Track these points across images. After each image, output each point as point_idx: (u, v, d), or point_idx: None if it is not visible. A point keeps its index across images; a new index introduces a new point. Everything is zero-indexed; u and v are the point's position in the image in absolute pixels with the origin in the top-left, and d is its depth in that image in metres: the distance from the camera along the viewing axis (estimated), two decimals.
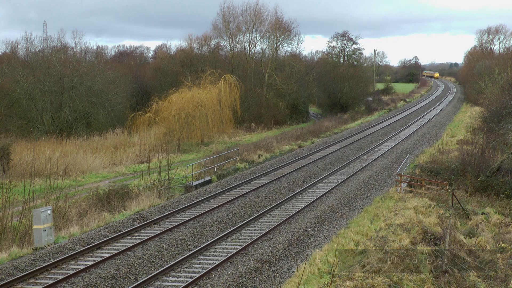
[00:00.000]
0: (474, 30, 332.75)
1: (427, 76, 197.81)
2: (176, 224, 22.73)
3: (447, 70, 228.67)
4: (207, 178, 32.97)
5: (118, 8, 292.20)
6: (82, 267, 17.52)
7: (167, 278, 16.89)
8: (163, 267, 17.85)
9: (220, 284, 16.20)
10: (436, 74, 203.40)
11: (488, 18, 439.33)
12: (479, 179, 29.53)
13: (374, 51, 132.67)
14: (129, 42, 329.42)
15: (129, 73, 71.94)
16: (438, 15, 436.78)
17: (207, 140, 52.74)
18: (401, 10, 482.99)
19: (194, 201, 26.74)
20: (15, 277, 16.35)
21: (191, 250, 19.67)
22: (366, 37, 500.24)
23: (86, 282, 16.35)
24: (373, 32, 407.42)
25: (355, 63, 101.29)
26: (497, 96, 49.26)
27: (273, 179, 32.52)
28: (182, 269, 17.72)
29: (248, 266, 17.69)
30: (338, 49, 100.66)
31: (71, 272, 17.02)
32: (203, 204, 26.58)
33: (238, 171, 36.32)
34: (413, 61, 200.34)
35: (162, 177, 30.85)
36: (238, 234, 21.70)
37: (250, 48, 73.33)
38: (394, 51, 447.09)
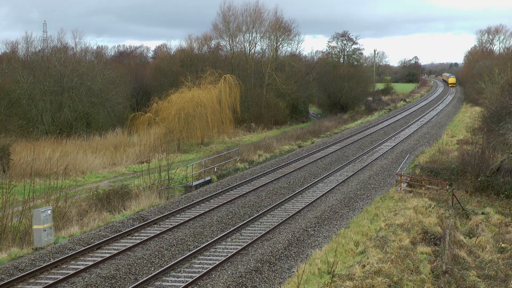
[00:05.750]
0: (477, 30, 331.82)
1: (443, 79, 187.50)
2: (176, 224, 22.72)
3: (447, 70, 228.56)
4: (207, 178, 32.97)
5: (120, 8, 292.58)
6: (82, 267, 17.51)
7: (167, 278, 16.90)
8: (163, 267, 17.85)
9: (220, 284, 16.20)
10: (452, 79, 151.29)
11: (492, 18, 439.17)
12: (479, 179, 29.53)
13: (374, 51, 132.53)
14: (130, 42, 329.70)
15: (129, 73, 71.93)
16: (441, 15, 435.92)
17: (207, 140, 52.73)
18: (405, 10, 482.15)
19: (194, 201, 26.73)
20: (15, 277, 16.36)
21: (191, 250, 19.67)
22: (367, 37, 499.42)
23: (86, 282, 16.35)
24: (375, 32, 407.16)
25: (355, 63, 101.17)
26: (497, 96, 49.23)
27: (273, 179, 32.51)
28: (182, 269, 17.72)
29: (248, 266, 17.69)
30: (338, 49, 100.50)
31: (71, 272, 17.02)
32: (203, 204, 26.58)
33: (238, 171, 36.31)
34: (413, 61, 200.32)
35: (162, 177, 30.86)
36: (238, 234, 21.70)
37: (250, 48, 73.40)
38: (395, 51, 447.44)
